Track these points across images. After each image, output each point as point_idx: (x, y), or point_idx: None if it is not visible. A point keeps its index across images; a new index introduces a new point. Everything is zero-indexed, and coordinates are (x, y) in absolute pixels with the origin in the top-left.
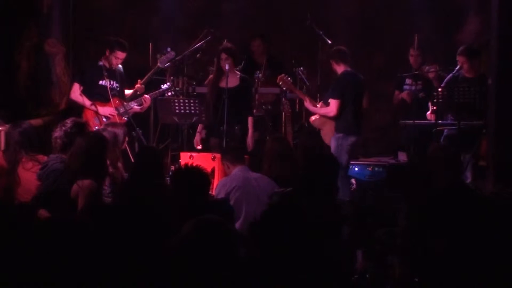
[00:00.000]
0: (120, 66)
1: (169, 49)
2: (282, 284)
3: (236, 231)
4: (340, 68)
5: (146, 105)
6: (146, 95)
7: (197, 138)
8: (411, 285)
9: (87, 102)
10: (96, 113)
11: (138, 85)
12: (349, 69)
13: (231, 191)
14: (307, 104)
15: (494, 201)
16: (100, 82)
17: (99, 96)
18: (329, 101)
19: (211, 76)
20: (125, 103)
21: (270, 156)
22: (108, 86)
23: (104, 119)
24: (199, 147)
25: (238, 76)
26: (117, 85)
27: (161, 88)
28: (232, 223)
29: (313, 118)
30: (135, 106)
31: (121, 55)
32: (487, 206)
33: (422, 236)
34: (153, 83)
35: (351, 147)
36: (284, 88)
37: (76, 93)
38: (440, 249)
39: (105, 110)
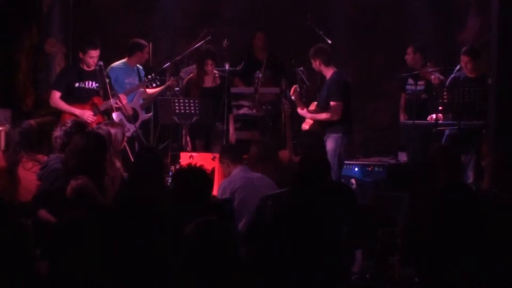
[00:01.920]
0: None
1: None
2: (282, 284)
3: (236, 232)
4: (329, 70)
5: (121, 103)
6: (121, 94)
7: (187, 139)
8: (411, 285)
9: (67, 107)
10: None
11: (169, 82)
12: (336, 69)
13: (235, 192)
14: (304, 112)
15: (493, 201)
16: (77, 84)
17: (79, 99)
18: (331, 104)
19: (191, 75)
20: (107, 101)
21: (250, 160)
22: (87, 87)
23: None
24: (188, 148)
25: (217, 75)
26: (97, 85)
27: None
28: (233, 223)
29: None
30: (114, 105)
31: (94, 53)
32: (486, 206)
33: (422, 235)
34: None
35: (347, 146)
36: (293, 98)
37: (54, 99)
38: (440, 249)
39: (84, 113)
